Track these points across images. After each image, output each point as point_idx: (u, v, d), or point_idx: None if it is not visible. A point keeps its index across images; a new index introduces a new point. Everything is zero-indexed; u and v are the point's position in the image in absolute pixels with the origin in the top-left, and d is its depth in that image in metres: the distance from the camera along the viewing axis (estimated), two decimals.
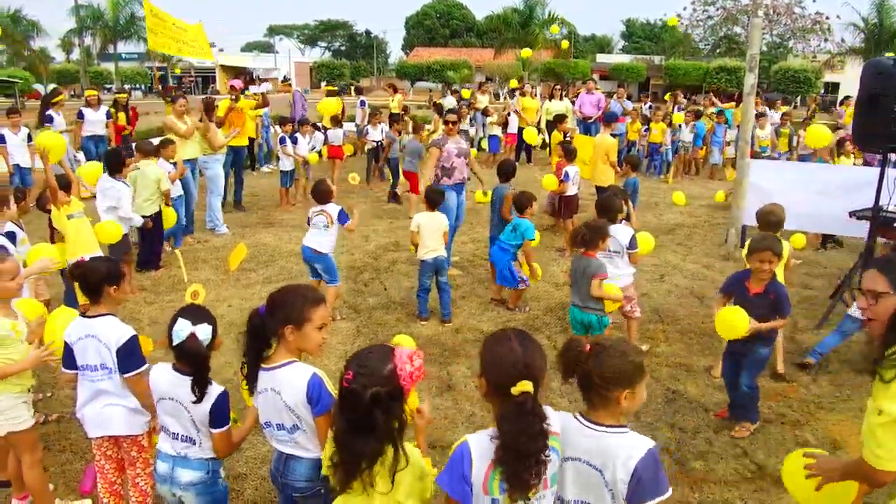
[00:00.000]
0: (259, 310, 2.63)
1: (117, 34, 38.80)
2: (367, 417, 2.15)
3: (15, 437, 3.52)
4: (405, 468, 2.25)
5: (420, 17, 71.19)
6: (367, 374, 2.18)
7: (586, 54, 61.15)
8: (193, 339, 2.74)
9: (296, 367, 2.63)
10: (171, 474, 2.88)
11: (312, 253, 6.28)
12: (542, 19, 37.53)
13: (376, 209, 11.29)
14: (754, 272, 4.43)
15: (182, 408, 2.81)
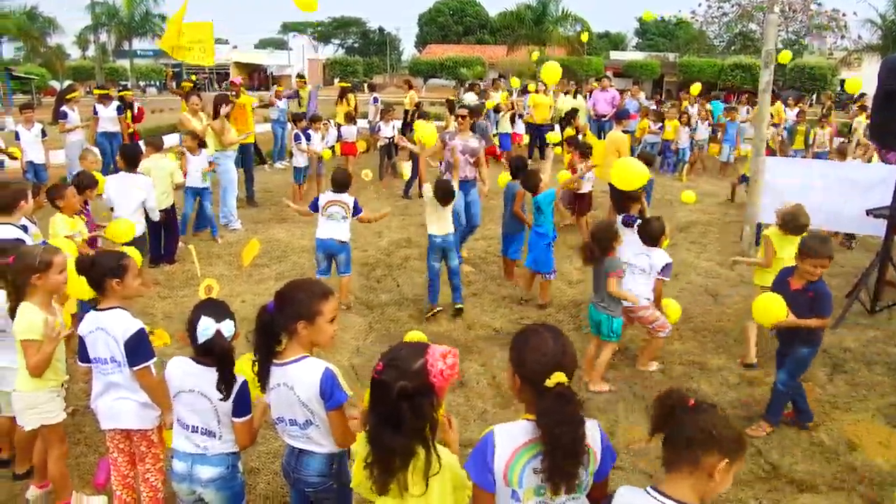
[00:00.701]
0: (268, 306, 2.62)
1: (132, 31, 39.02)
2: (395, 411, 2.14)
3: (46, 429, 3.59)
4: (438, 473, 2.20)
5: (433, 14, 71.07)
6: (396, 367, 2.17)
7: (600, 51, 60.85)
8: (220, 336, 2.74)
9: (308, 362, 2.63)
10: (190, 472, 2.88)
11: (337, 243, 6.33)
12: (555, 16, 37.39)
13: (388, 205, 11.27)
14: (801, 272, 4.36)
15: (205, 399, 2.81)
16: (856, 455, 4.39)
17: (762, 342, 5.83)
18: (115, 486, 3.47)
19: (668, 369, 5.53)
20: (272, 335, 2.63)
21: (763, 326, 4.84)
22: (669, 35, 68.34)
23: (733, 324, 6.47)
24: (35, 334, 3.36)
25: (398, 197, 12.06)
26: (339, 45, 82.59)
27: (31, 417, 3.55)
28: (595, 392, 5.14)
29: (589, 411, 4.59)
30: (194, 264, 6.62)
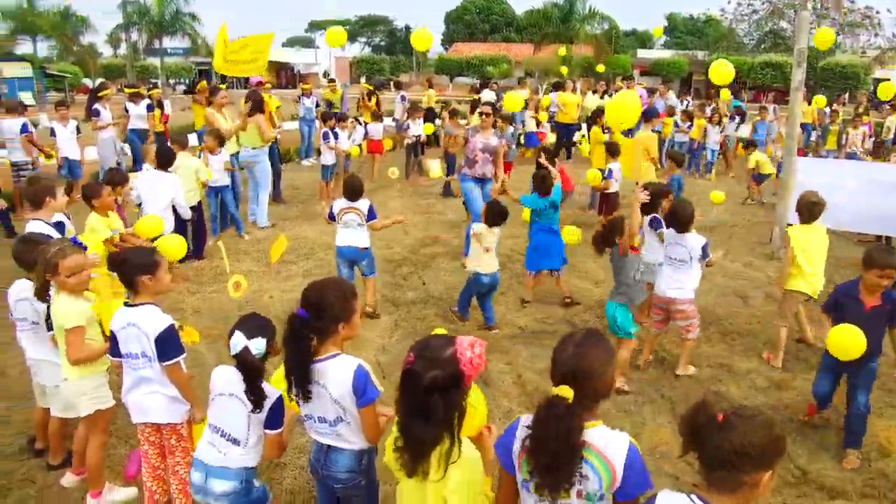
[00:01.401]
0: (300, 313, 2.63)
1: (163, 30, 39.42)
2: (426, 402, 2.18)
3: (95, 416, 3.69)
4: (457, 461, 2.25)
5: (460, 13, 70.98)
6: (427, 358, 2.22)
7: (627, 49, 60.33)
8: (246, 352, 2.77)
9: (341, 359, 2.66)
10: (204, 485, 2.90)
11: (357, 251, 6.19)
12: (582, 14, 37.11)
13: (415, 204, 11.32)
14: (868, 285, 4.22)
15: (241, 403, 2.84)
16: (888, 461, 4.32)
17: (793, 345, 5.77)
18: (145, 477, 3.54)
19: (697, 372, 5.48)
20: (306, 340, 2.64)
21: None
22: (698, 33, 67.50)
23: (762, 326, 6.39)
24: (75, 321, 3.45)
25: (423, 195, 12.08)
26: (366, 43, 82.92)
27: (86, 403, 3.65)
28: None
29: (615, 413, 4.61)
30: (223, 260, 6.72)
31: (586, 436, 2.09)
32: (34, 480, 4.05)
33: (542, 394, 4.81)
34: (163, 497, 3.56)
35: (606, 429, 2.15)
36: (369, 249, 6.29)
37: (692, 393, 5.14)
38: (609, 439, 2.12)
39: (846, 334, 4.04)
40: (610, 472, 2.08)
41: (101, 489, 3.81)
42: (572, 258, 7.97)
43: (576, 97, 15.82)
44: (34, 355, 3.93)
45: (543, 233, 6.78)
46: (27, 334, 3.92)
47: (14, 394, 4.98)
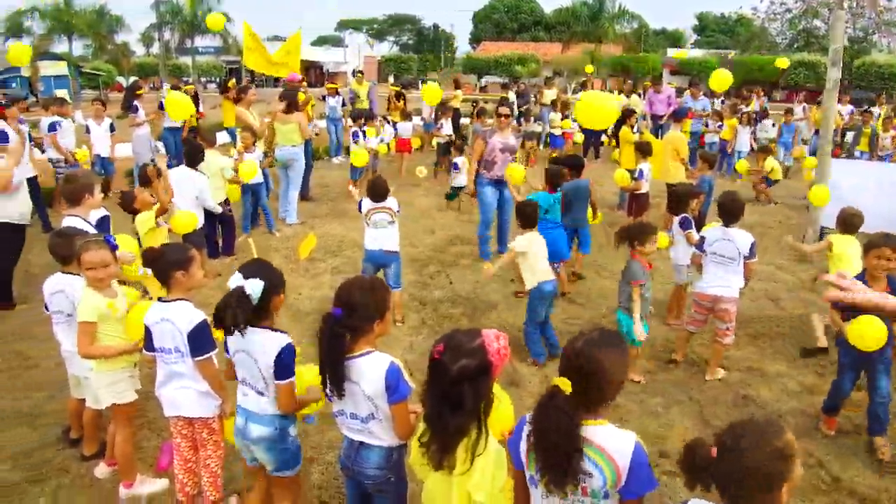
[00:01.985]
0: (334, 313, 2.64)
1: (195, 29, 40.04)
2: (456, 391, 2.23)
3: (116, 409, 3.77)
4: (483, 453, 2.29)
5: (488, 11, 70.88)
6: (456, 348, 2.27)
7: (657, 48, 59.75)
8: (240, 290, 2.81)
9: (374, 356, 2.69)
10: (244, 428, 3.02)
11: (385, 254, 6.02)
12: (612, 12, 36.88)
13: (441, 203, 11.34)
14: (871, 271, 4.23)
15: (251, 359, 2.94)
16: None
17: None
18: (177, 470, 3.59)
19: (725, 375, 5.42)
20: (342, 339, 2.65)
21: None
22: (730, 32, 66.64)
23: (793, 330, 6.30)
24: (85, 316, 3.54)
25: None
26: (394, 42, 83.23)
27: (105, 395, 3.74)
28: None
29: (641, 414, 4.59)
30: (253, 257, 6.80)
31: (590, 434, 2.11)
32: (68, 470, 4.13)
33: None
34: (193, 489, 3.61)
35: (613, 428, 2.16)
36: (398, 254, 6.11)
37: (721, 396, 5.09)
38: (614, 438, 2.13)
39: (868, 324, 4.02)
40: (614, 471, 2.09)
41: (133, 480, 3.88)
42: (602, 259, 7.95)
43: None
44: (69, 347, 4.00)
45: (551, 230, 6.51)
46: (62, 326, 4.01)
47: (49, 385, 5.09)
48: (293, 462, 3.12)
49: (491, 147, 7.54)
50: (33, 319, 6.24)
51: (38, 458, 4.25)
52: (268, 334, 2.93)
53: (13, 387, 5.16)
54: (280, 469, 3.09)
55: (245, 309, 2.81)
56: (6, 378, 5.30)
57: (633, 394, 5.02)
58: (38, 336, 5.79)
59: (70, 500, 3.87)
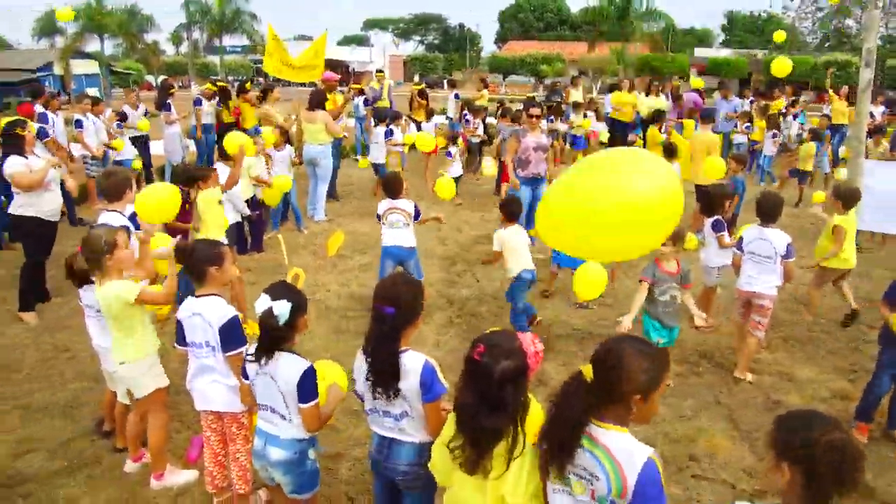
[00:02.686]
0: (387, 311, 2.65)
1: (223, 28, 40.47)
2: (497, 392, 2.23)
3: (152, 396, 3.83)
4: (520, 456, 2.29)
5: (514, 11, 70.79)
6: (497, 349, 2.27)
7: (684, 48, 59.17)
8: (269, 314, 2.80)
9: (410, 354, 2.70)
10: (263, 451, 3.00)
11: (403, 250, 6.20)
12: (639, 11, 36.52)
13: (469, 201, 11.35)
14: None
15: (273, 382, 2.91)
16: None
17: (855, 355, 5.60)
18: (206, 463, 3.65)
19: (755, 379, 5.36)
20: (397, 338, 2.67)
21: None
22: (758, 31, 65.80)
23: (826, 334, 6.22)
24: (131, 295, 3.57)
25: (477, 194, 12.09)
26: (420, 41, 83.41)
27: (147, 382, 3.79)
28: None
29: (671, 419, 4.55)
30: (282, 254, 6.87)
31: (601, 436, 2.12)
32: (101, 461, 4.21)
33: None
34: (223, 482, 3.66)
35: (630, 438, 2.13)
36: (415, 250, 6.31)
37: (751, 400, 5.04)
38: (625, 446, 2.11)
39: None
40: (620, 481, 2.07)
41: (164, 470, 3.94)
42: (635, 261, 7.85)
43: (631, 96, 15.58)
44: (98, 342, 4.09)
45: None
46: (93, 321, 4.08)
47: (85, 376, 5.21)
48: (311, 485, 3.10)
49: (525, 146, 7.58)
50: (68, 312, 6.38)
51: (73, 448, 4.34)
52: (290, 358, 2.91)
53: (51, 378, 5.27)
54: (297, 491, 3.06)
55: (277, 336, 2.85)
56: (44, 369, 5.41)
57: (662, 396, 4.98)
58: (74, 327, 5.91)
59: (102, 489, 3.94)
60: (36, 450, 4.31)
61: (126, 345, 3.71)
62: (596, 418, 2.14)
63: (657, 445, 4.35)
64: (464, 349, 5.01)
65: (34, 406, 4.84)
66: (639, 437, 2.16)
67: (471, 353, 2.30)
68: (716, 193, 6.11)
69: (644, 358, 2.12)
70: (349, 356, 5.20)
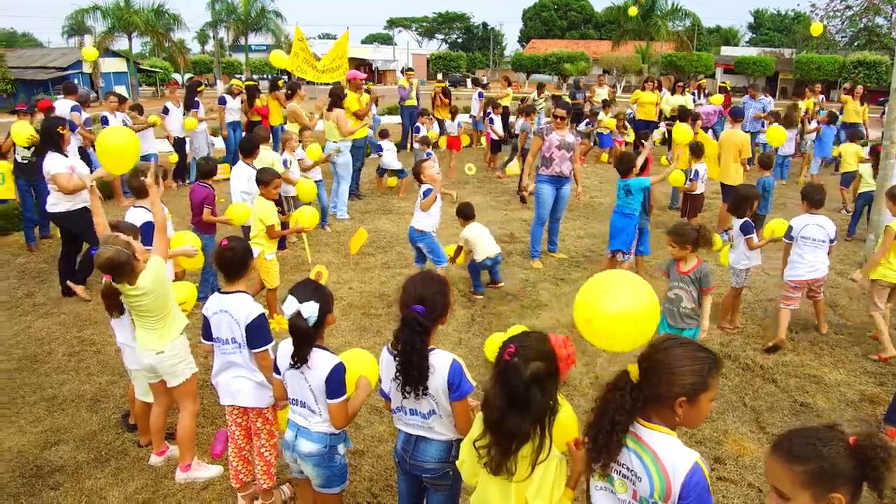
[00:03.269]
0: (416, 308, 2.64)
1: (248, 27, 40.77)
2: (525, 394, 2.20)
3: (184, 386, 3.87)
4: (545, 461, 2.26)
5: (537, 9, 70.56)
6: (528, 349, 2.24)
7: (710, 47, 58.57)
8: (298, 316, 2.81)
9: (437, 353, 2.70)
10: (294, 442, 3.03)
11: (414, 232, 6.68)
12: (664, 10, 36.20)
13: (492, 200, 11.33)
14: None
15: (302, 378, 2.93)
16: None
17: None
18: (231, 457, 3.67)
19: (782, 382, 5.29)
20: (427, 336, 2.67)
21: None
22: (786, 30, 64.96)
23: (853, 337, 6.11)
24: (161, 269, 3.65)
25: (500, 192, 12.07)
26: (443, 40, 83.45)
27: (183, 368, 3.84)
28: None
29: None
30: (305, 251, 6.92)
31: (647, 436, 2.07)
32: (127, 453, 4.27)
33: None
34: (247, 476, 3.69)
35: (676, 441, 2.08)
36: (428, 235, 6.64)
37: (778, 403, 4.96)
38: (672, 449, 2.05)
39: None
40: (664, 483, 2.01)
41: (190, 463, 3.98)
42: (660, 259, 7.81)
43: (654, 95, 15.46)
44: (122, 340, 4.13)
45: (616, 214, 7.08)
46: (117, 321, 4.07)
47: (111, 370, 5.28)
48: (339, 480, 3.11)
49: (548, 144, 7.49)
50: (94, 307, 6.48)
51: (99, 440, 4.40)
52: (320, 354, 2.92)
53: (77, 371, 5.35)
54: (326, 486, 3.08)
55: (309, 337, 2.86)
56: (73, 362, 5.50)
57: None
58: (101, 322, 6.01)
59: (129, 481, 3.99)
60: (63, 441, 4.38)
61: (157, 333, 3.75)
62: (643, 418, 2.10)
63: None
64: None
65: (61, 398, 4.93)
66: None
67: (501, 353, 2.27)
68: (744, 194, 6.03)
69: (692, 360, 2.06)
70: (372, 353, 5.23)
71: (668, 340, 2.15)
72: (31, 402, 4.87)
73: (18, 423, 4.61)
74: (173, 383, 3.86)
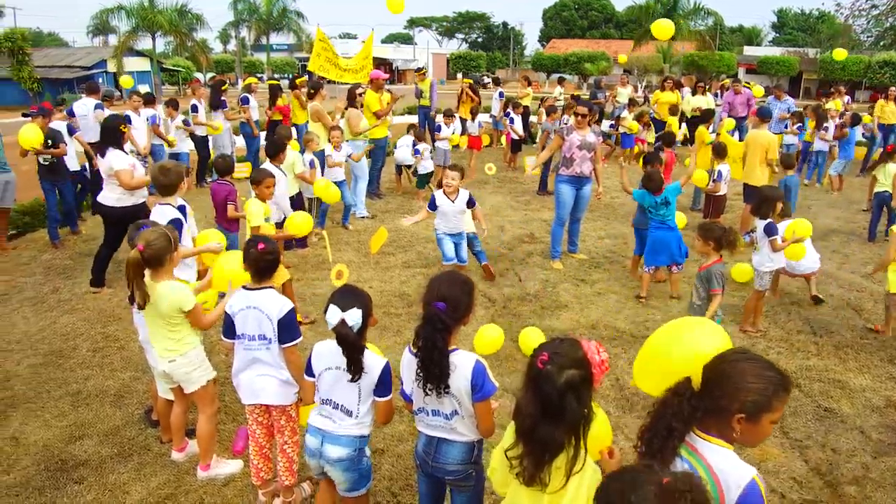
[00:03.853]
0: (438, 306, 2.63)
1: (270, 27, 41.08)
2: (559, 402, 2.15)
3: (203, 389, 3.88)
4: (580, 471, 2.22)
5: (558, 9, 70.28)
6: (562, 356, 2.19)
7: (732, 46, 57.98)
8: (343, 325, 2.80)
9: (460, 353, 2.68)
10: (319, 449, 3.01)
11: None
12: (686, 9, 35.91)
13: (512, 200, 11.30)
14: None
15: (346, 376, 2.90)
16: None
17: None
18: (252, 456, 3.68)
19: (806, 386, 5.22)
20: (448, 335, 2.65)
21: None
22: (810, 29, 64.14)
23: (879, 342, 6.02)
24: (187, 304, 3.64)
25: (520, 192, 12.03)
26: (463, 39, 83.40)
27: (199, 375, 3.85)
28: None
29: None
30: (326, 249, 6.95)
31: (702, 448, 2.02)
32: (150, 448, 4.31)
33: (641, 398, 4.73)
34: (268, 474, 3.70)
35: (733, 455, 2.02)
36: (463, 234, 6.79)
37: (801, 408, 4.90)
38: (728, 463, 1.99)
39: None
40: (717, 497, 1.95)
41: (210, 461, 4.00)
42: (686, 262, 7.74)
43: (673, 95, 15.32)
44: (143, 336, 4.17)
45: (658, 230, 6.82)
46: (141, 317, 4.08)
47: (134, 366, 5.33)
48: (365, 481, 3.12)
49: (568, 144, 7.45)
50: (118, 303, 6.56)
51: (122, 435, 4.44)
52: (369, 356, 2.93)
53: (102, 367, 5.42)
54: (353, 488, 3.08)
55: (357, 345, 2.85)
56: (97, 358, 5.56)
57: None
58: (125, 319, 6.07)
59: (152, 476, 4.03)
60: (87, 436, 4.43)
61: (172, 341, 3.75)
62: (700, 429, 2.04)
63: None
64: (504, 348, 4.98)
65: (85, 393, 4.99)
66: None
67: (534, 361, 2.22)
68: (767, 195, 5.95)
69: (757, 378, 1.98)
70: (392, 352, 5.23)
71: (736, 353, 2.09)
72: (57, 397, 4.93)
73: (44, 417, 4.67)
74: (189, 389, 3.88)
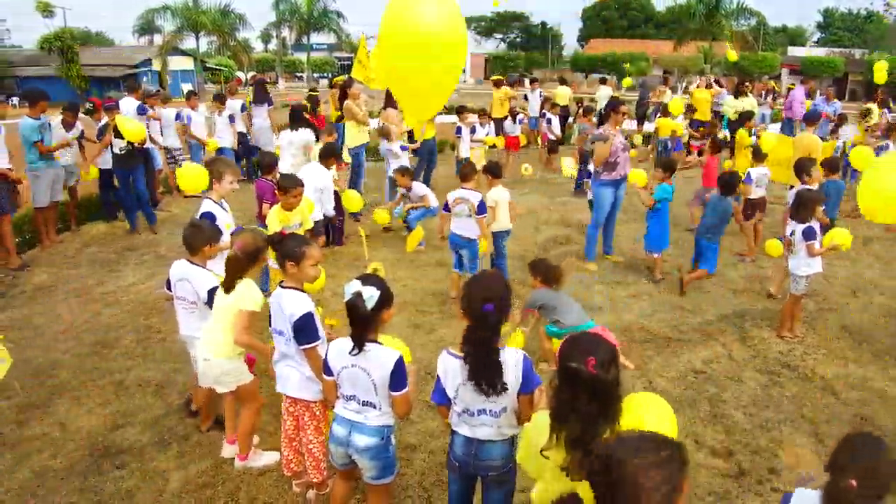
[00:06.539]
0: (486, 307, 2.67)
1: (310, 26, 41.53)
2: (616, 402, 2.22)
3: (241, 388, 3.99)
4: None
5: (597, 9, 69.67)
6: (603, 354, 2.23)
7: (776, 47, 56.80)
8: (358, 296, 2.86)
9: (506, 350, 2.75)
10: (347, 438, 3.08)
11: (461, 239, 6.54)
12: (729, 9, 35.21)
13: (547, 201, 11.28)
14: None
15: (364, 373, 2.97)
16: None
17: None
18: (282, 448, 3.77)
19: (843, 394, 5.13)
20: (498, 335, 2.72)
21: None
22: (857, 30, 62.50)
23: None
24: (252, 305, 3.75)
25: (556, 193, 12.00)
26: (501, 39, 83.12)
27: (228, 381, 3.96)
28: None
29: (750, 428, 4.42)
30: (363, 246, 7.02)
31: None
32: (189, 438, 4.44)
33: (673, 401, 4.71)
34: (298, 466, 3.77)
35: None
36: (475, 242, 6.53)
37: (837, 415, 4.82)
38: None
39: None
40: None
41: (248, 452, 4.11)
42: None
43: (707, 93, 15.09)
44: (185, 331, 4.29)
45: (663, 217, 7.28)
46: (184, 313, 4.25)
47: (176, 357, 5.48)
48: (392, 469, 3.18)
49: (615, 148, 7.44)
50: (160, 297, 6.73)
51: (163, 424, 4.59)
52: (380, 349, 2.98)
53: (144, 357, 5.60)
54: (379, 477, 3.15)
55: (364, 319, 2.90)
56: (139, 349, 5.75)
57: (742, 406, 4.86)
58: (166, 311, 6.23)
59: (191, 464, 4.16)
60: (129, 424, 4.59)
61: (216, 341, 3.85)
62: None
63: (735, 456, 4.25)
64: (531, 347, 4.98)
65: (127, 382, 5.16)
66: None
67: (584, 367, 2.18)
68: (806, 198, 5.86)
69: (656, 469, 1.63)
70: (424, 350, 5.31)
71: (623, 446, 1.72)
72: (101, 386, 5.11)
73: (88, 405, 4.85)
74: (220, 390, 4.01)
